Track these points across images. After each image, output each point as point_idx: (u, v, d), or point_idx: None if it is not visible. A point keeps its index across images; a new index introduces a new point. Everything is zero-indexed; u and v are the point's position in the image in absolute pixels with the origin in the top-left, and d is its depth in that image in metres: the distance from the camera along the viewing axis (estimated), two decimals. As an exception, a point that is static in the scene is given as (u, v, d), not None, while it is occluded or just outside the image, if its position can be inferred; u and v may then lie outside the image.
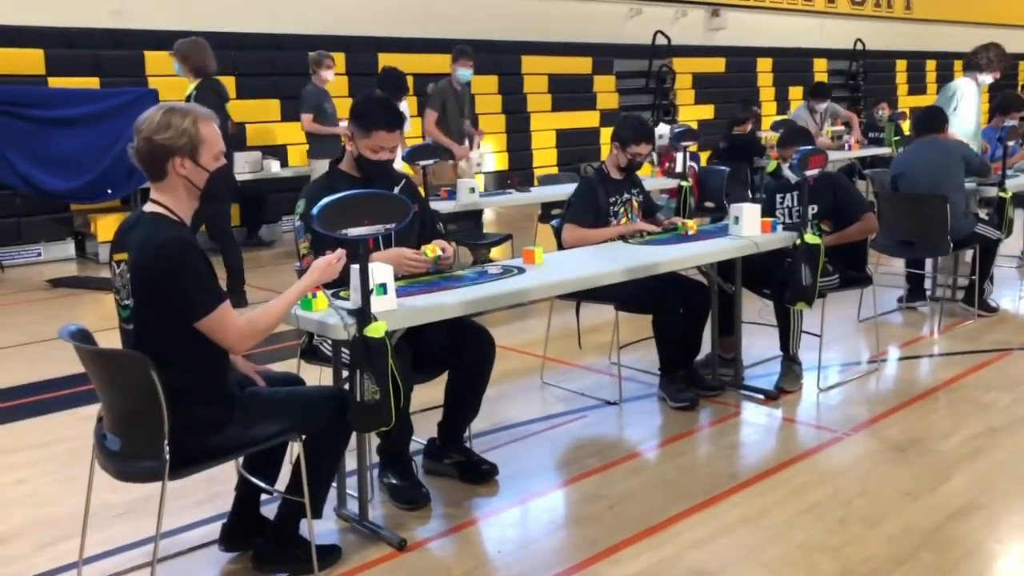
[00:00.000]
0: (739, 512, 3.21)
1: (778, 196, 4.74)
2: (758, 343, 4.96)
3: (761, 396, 4.39)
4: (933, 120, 5.80)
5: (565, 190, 6.71)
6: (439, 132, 7.18)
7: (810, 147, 4.24)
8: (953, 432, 3.93)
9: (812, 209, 4.44)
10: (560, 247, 4.39)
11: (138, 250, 2.46)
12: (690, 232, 4.33)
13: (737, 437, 4.00)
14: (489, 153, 7.27)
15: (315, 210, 2.63)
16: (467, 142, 7.47)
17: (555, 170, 11.21)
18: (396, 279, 2.97)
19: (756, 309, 5.10)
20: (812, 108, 9.22)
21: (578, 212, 4.37)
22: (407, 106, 7.25)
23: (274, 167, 9.25)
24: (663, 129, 10.58)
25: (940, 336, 5.46)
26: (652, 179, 7.01)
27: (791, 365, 4.51)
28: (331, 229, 2.65)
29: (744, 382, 4.52)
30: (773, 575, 2.79)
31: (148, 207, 2.55)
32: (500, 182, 8.43)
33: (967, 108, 6.69)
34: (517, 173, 9.92)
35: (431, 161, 6.05)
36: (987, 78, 6.85)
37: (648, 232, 4.34)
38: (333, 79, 7.88)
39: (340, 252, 2.77)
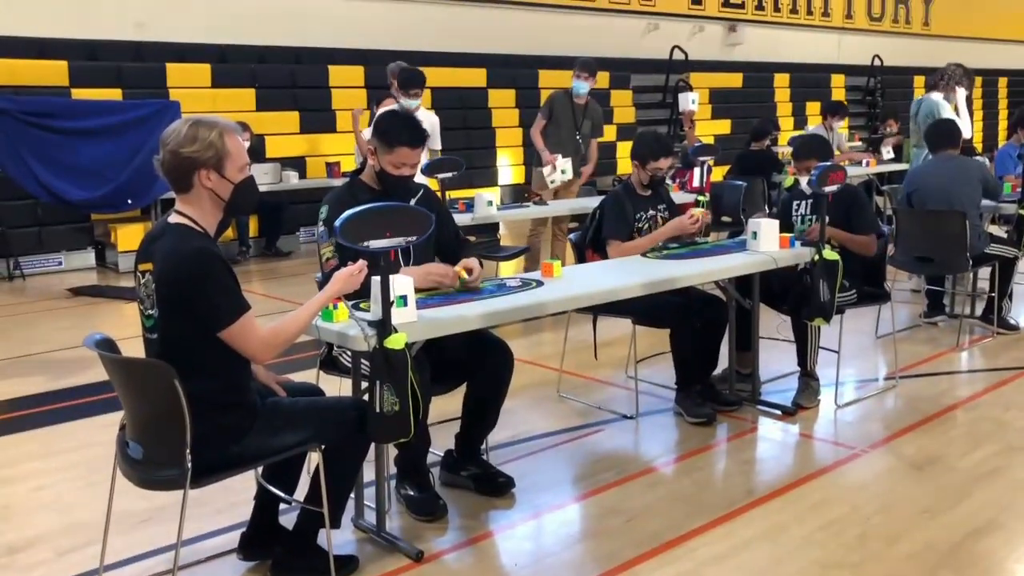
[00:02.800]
0: (756, 528, 3.20)
1: (794, 203, 4.74)
2: (775, 358, 4.95)
3: (778, 412, 4.37)
4: (948, 136, 5.74)
5: (582, 204, 6.78)
6: (539, 139, 7.19)
7: (829, 163, 4.24)
8: (972, 450, 3.90)
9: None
10: (581, 261, 4.40)
11: (163, 260, 2.49)
12: (702, 217, 4.33)
13: (754, 453, 3.98)
14: (567, 170, 7.10)
15: (338, 223, 2.66)
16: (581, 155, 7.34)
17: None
18: (419, 291, 2.99)
19: (774, 324, 5.09)
20: (830, 126, 9.20)
21: (616, 226, 4.38)
22: (423, 111, 7.22)
23: (292, 179, 9.32)
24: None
25: (959, 353, 5.42)
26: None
27: (809, 381, 4.50)
28: (354, 241, 2.68)
29: (761, 398, 4.50)
30: (791, 592, 2.78)
31: (173, 218, 2.59)
32: (517, 195, 8.47)
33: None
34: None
35: (451, 174, 6.09)
36: (958, 95, 6.97)
37: (687, 234, 4.34)
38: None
39: (361, 263, 2.79)
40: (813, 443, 4.11)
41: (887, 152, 10.30)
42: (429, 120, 6.88)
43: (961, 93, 7.02)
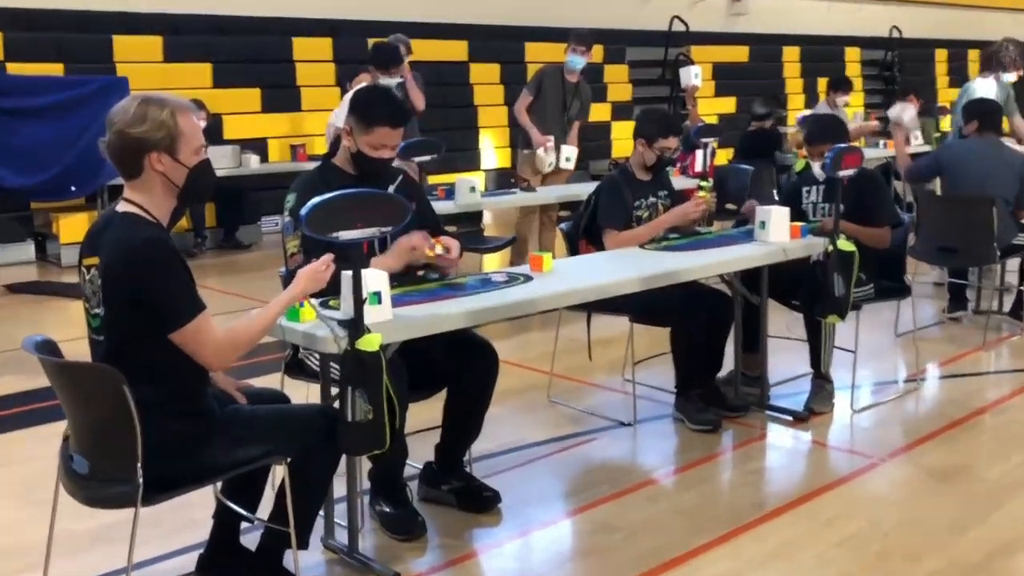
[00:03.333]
0: (765, 545, 3.21)
1: (803, 190, 4.74)
2: (786, 359, 4.96)
3: (789, 417, 4.39)
4: (991, 116, 5.74)
5: (574, 190, 6.78)
6: (526, 117, 7.12)
7: (844, 144, 4.25)
8: (1000, 459, 3.93)
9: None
10: (573, 253, 4.39)
11: (111, 253, 2.47)
12: (705, 200, 4.35)
13: (763, 462, 4.00)
14: (572, 158, 7.04)
15: (304, 211, 2.65)
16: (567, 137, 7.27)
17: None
18: (394, 283, 2.98)
19: (784, 322, 5.11)
20: (833, 103, 9.22)
21: (612, 214, 4.38)
22: (407, 81, 7.15)
23: (253, 162, 9.27)
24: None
25: (985, 352, 5.46)
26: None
27: (822, 384, 4.52)
28: (321, 232, 2.66)
29: (770, 402, 4.52)
30: (804, 615, 2.80)
31: (121, 206, 2.56)
32: (503, 180, 8.45)
33: None
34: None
35: (427, 157, 6.07)
36: (1011, 76, 6.86)
37: (690, 222, 4.35)
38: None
39: (327, 258, 2.78)
40: (827, 451, 4.12)
41: (915, 135, 10.28)
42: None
43: (1004, 78, 6.76)
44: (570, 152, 7.12)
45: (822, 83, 15.50)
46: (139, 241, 2.45)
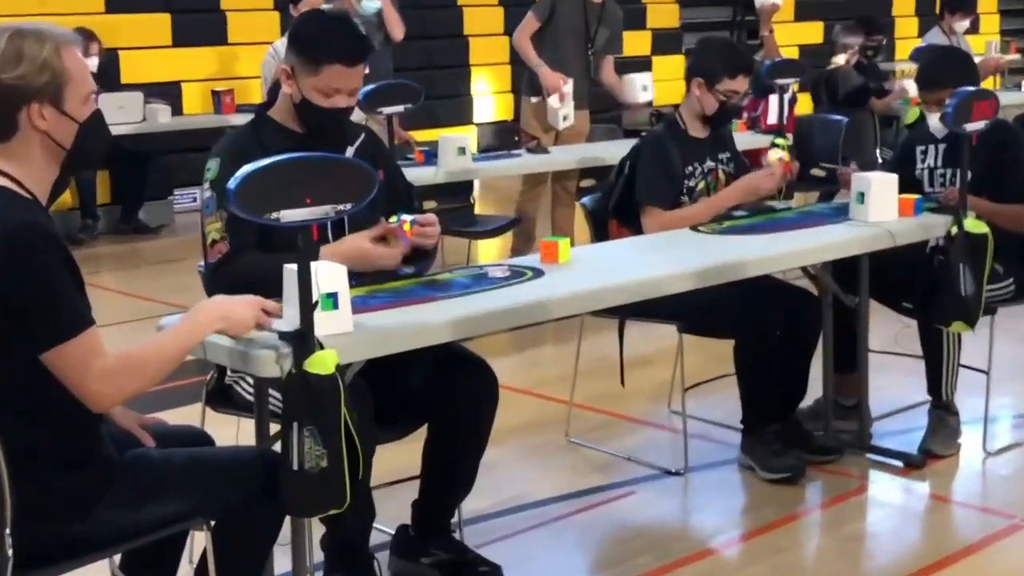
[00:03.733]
0: (866, 638, 3.22)
1: (918, 149, 4.74)
2: (894, 383, 4.97)
3: (899, 463, 4.39)
4: None
5: (599, 152, 6.79)
6: (531, 49, 7.09)
7: (972, 88, 4.24)
8: None
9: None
10: (600, 238, 4.41)
11: (-30, 243, 2.47)
12: (782, 165, 4.37)
13: (862, 525, 4.00)
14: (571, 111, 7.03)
15: (231, 183, 2.65)
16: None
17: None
18: (353, 281, 2.99)
19: (891, 332, 5.11)
20: (950, 29, 9.22)
21: (656, 185, 4.39)
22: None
23: (162, 116, 9.28)
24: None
25: None
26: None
27: (944, 416, 4.52)
28: (255, 212, 2.66)
29: (873, 442, 4.53)
30: None
31: (-16, 178, 2.57)
32: (504, 138, 8.43)
33: None
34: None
35: (399, 108, 6.09)
36: None
37: (766, 192, 4.40)
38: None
39: (273, 305, 2.77)
40: (951, 509, 4.13)
41: None
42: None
43: None
44: (569, 109, 7.06)
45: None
46: (11, 227, 2.45)
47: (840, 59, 8.45)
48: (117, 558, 2.95)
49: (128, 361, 2.56)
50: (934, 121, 4.55)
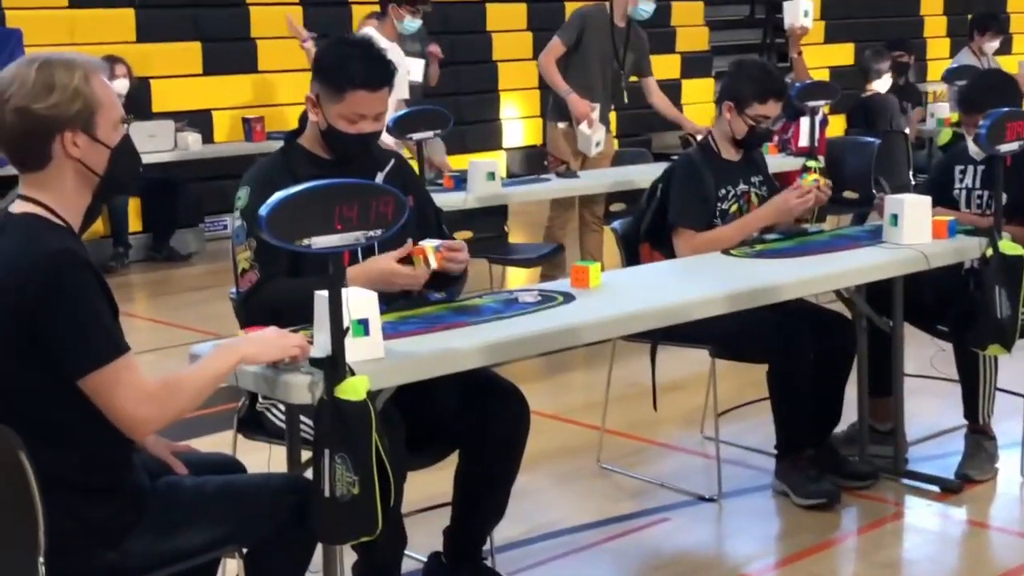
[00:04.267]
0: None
1: (957, 169, 4.71)
2: (929, 407, 4.94)
3: (936, 488, 4.36)
4: None
5: (630, 176, 6.78)
6: (555, 72, 7.07)
7: (1008, 108, 4.22)
8: None
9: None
10: (631, 262, 4.40)
11: (4, 269, 2.49)
12: (820, 185, 4.35)
13: (899, 551, 3.98)
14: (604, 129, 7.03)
15: (263, 210, 2.66)
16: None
17: (615, 144, 11.23)
18: (384, 307, 2.99)
19: (926, 356, 5.08)
20: (979, 50, 9.16)
21: (689, 208, 4.40)
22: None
23: (193, 143, 9.34)
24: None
25: None
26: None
27: (980, 440, 4.49)
28: (287, 238, 2.68)
29: (908, 467, 4.50)
30: None
31: (18, 206, 2.59)
32: (533, 163, 8.46)
33: None
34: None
35: (429, 134, 6.10)
36: None
37: (799, 213, 4.38)
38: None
39: (303, 344, 2.78)
40: (989, 535, 4.09)
41: None
42: (399, 58, 6.91)
43: None
44: (600, 134, 7.07)
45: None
46: (48, 253, 2.47)
47: (880, 86, 8.43)
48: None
49: (166, 387, 2.57)
50: (970, 143, 4.53)
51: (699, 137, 4.84)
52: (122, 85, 8.28)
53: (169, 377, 2.61)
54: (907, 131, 8.29)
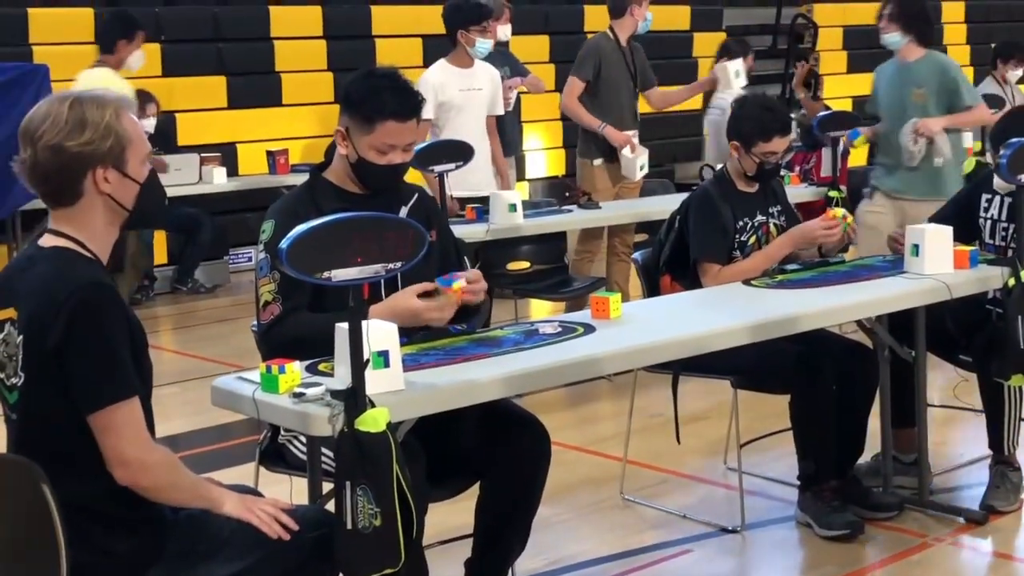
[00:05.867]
0: None
1: (983, 197, 4.69)
2: (954, 438, 4.92)
3: (960, 519, 4.35)
4: None
5: (650, 207, 6.79)
6: (582, 110, 7.05)
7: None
8: None
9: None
10: (652, 293, 4.40)
11: (39, 300, 2.52)
12: (849, 226, 4.36)
13: (924, 583, 3.95)
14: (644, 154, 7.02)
15: (284, 243, 2.69)
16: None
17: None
18: (403, 339, 3.01)
19: (950, 385, 5.06)
20: (1003, 79, 9.13)
21: (710, 242, 4.42)
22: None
23: (218, 177, 9.39)
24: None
25: None
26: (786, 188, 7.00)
27: (1005, 471, 4.46)
28: (307, 271, 2.70)
29: (932, 498, 4.48)
30: None
31: (48, 240, 2.63)
32: (555, 193, 8.46)
33: None
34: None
35: (451, 166, 6.12)
36: None
37: (823, 243, 4.38)
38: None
39: (288, 519, 2.72)
40: (1014, 567, 4.07)
41: None
42: (490, 75, 6.96)
43: None
44: (644, 157, 7.07)
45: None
46: (81, 284, 2.51)
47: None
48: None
49: (167, 455, 2.63)
50: (996, 178, 4.51)
51: (717, 166, 4.83)
52: (150, 124, 8.33)
53: (175, 457, 2.67)
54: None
